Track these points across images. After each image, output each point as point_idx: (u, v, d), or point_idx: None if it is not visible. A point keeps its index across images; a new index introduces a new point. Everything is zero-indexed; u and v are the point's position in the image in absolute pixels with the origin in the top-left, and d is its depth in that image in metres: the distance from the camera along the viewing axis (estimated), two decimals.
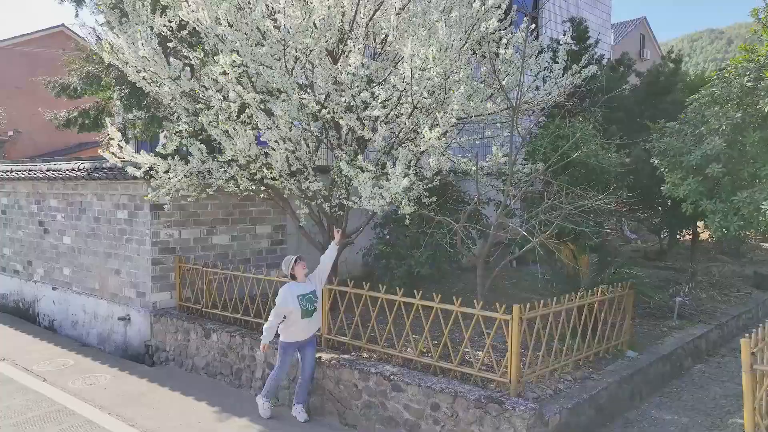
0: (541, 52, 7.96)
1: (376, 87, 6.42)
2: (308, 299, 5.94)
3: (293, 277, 6.10)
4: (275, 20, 6.06)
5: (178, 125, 7.36)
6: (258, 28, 5.78)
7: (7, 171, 10.88)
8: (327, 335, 6.54)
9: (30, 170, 10.30)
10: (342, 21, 6.58)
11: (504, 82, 7.78)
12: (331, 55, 6.74)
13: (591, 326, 6.18)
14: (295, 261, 6.07)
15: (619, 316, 6.60)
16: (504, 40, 7.74)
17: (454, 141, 6.99)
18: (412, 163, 6.05)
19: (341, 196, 6.84)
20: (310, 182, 6.67)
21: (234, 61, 5.57)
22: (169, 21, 6.82)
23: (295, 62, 6.01)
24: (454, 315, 5.57)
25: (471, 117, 6.87)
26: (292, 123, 6.16)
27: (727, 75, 5.37)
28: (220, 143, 6.91)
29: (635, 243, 16.34)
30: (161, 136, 10.66)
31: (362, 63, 6.66)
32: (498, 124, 8.01)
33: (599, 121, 8.21)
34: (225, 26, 5.64)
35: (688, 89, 9.53)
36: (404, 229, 8.06)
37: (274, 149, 6.34)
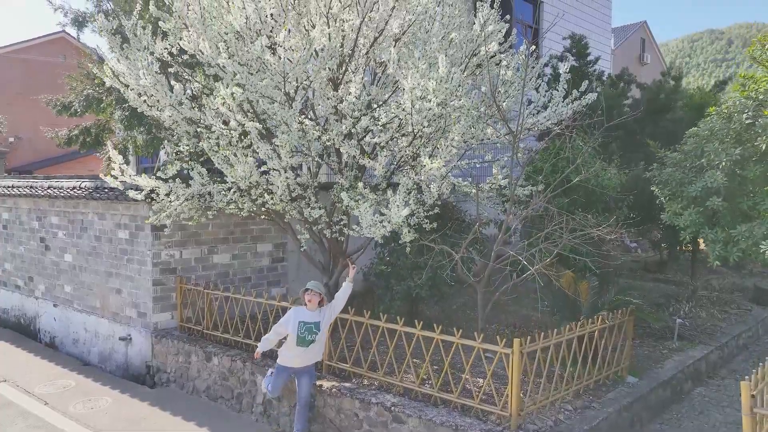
0: (539, 76, 7.97)
1: (378, 109, 6.44)
2: (308, 329, 5.93)
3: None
4: (275, 50, 6.07)
5: (179, 146, 7.38)
6: (259, 57, 5.79)
7: (9, 187, 10.89)
8: (328, 362, 6.55)
9: (31, 186, 10.32)
10: (343, 46, 6.59)
11: (504, 104, 7.82)
12: (332, 81, 6.75)
13: (591, 353, 6.19)
14: (305, 290, 6.06)
15: (619, 341, 6.62)
16: (504, 62, 7.76)
17: (454, 166, 7.00)
18: (412, 192, 6.07)
19: (342, 222, 6.86)
20: (311, 208, 6.68)
21: (233, 94, 5.58)
22: (170, 45, 6.84)
23: (296, 92, 6.02)
24: (455, 346, 5.59)
25: (471, 144, 6.88)
26: (293, 152, 6.17)
27: (726, 110, 5.39)
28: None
29: (636, 252, 16.36)
30: (162, 152, 10.69)
31: (363, 86, 6.69)
32: (498, 145, 8.02)
33: (599, 141, 8.24)
34: (225, 58, 5.65)
35: (688, 107, 9.55)
36: (404, 249, 8.08)
37: (275, 177, 6.34)
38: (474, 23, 7.28)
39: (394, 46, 6.66)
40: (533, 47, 8.03)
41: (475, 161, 7.76)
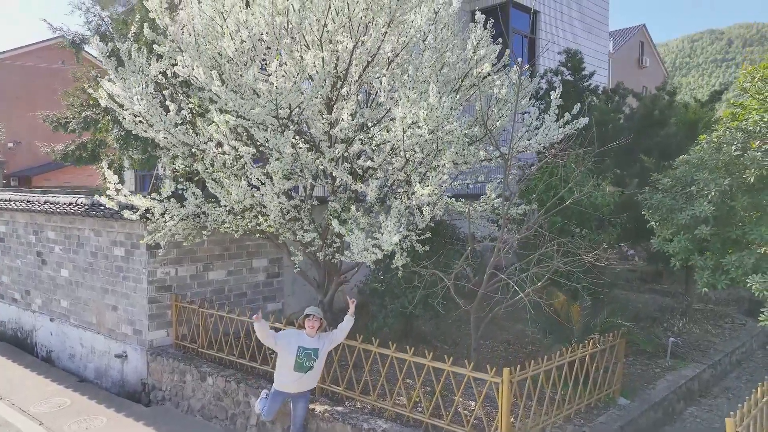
0: (534, 95, 8.00)
1: (372, 128, 6.47)
2: (307, 354, 5.95)
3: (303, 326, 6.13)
4: (268, 74, 6.10)
5: (175, 164, 7.42)
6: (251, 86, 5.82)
7: (5, 200, 10.93)
8: (321, 384, 6.58)
9: (28, 201, 10.35)
10: (336, 68, 6.62)
11: (498, 123, 7.85)
12: (326, 103, 6.78)
13: (583, 376, 6.23)
14: (306, 316, 6.07)
15: (611, 363, 6.65)
16: (498, 82, 7.79)
17: (447, 186, 7.03)
18: (404, 217, 6.10)
19: (335, 245, 6.89)
20: (305, 231, 6.72)
21: (227, 121, 5.61)
22: (164, 68, 6.86)
23: (288, 117, 6.05)
24: (446, 373, 5.63)
25: (463, 169, 6.90)
26: (287, 175, 6.20)
27: (716, 139, 5.42)
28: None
29: (633, 260, 16.37)
30: (159, 165, 10.71)
31: (356, 108, 6.72)
32: (492, 164, 8.05)
33: (591, 162, 8.27)
34: (218, 85, 5.68)
35: (682, 123, 9.59)
36: (398, 270, 8.11)
37: (269, 201, 6.37)
38: (469, 39, 7.32)
39: (387, 68, 6.69)
40: (527, 66, 8.06)
41: (468, 182, 7.78)
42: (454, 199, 7.70)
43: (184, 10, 6.79)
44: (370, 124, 6.81)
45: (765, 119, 5.00)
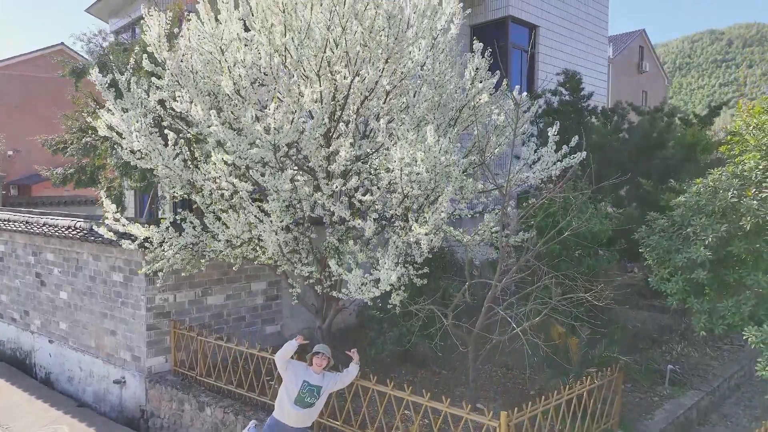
0: (534, 117, 8.01)
1: (370, 156, 6.47)
2: (310, 391, 5.94)
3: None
4: (264, 109, 6.10)
5: (174, 190, 7.42)
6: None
7: (4, 221, 10.93)
8: (319, 418, 6.58)
9: (27, 222, 10.36)
10: (335, 99, 6.62)
11: (497, 150, 7.86)
12: (324, 135, 6.79)
13: (580, 411, 6.23)
14: (314, 354, 6.07)
15: (609, 396, 6.66)
16: (496, 110, 7.80)
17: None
18: (401, 255, 6.11)
19: (332, 278, 6.90)
20: (303, 264, 6.72)
21: (225, 160, 5.62)
22: (164, 100, 6.87)
23: (286, 155, 6.06)
24: (444, 414, 5.63)
25: (461, 204, 6.91)
26: (284, 209, 6.21)
27: (712, 183, 5.43)
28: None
29: (633, 272, 16.36)
30: (159, 187, 10.72)
31: (353, 140, 6.74)
32: (490, 199, 8.04)
33: (591, 188, 8.27)
34: (217, 125, 5.68)
35: (681, 146, 9.59)
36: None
37: (266, 236, 6.38)
38: (468, 62, 7.33)
39: (385, 101, 6.70)
40: (526, 93, 8.05)
41: (466, 213, 7.79)
42: (452, 228, 7.72)
43: (182, 40, 6.80)
44: (369, 151, 6.81)
45: (761, 166, 5.01)
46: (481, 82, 6.96)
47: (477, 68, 7.43)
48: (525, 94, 7.90)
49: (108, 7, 14.86)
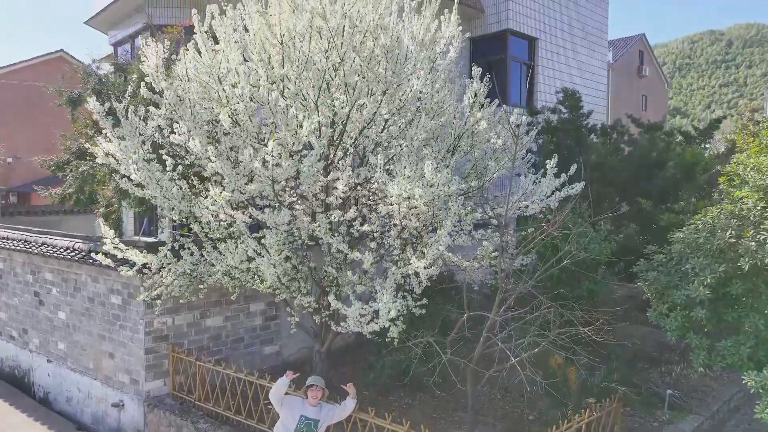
0: (536, 131, 8.01)
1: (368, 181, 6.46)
2: (308, 425, 5.91)
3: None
4: (266, 145, 6.09)
5: (173, 213, 7.41)
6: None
7: (2, 239, 10.92)
8: None
9: (25, 241, 10.35)
10: (334, 126, 6.61)
11: (495, 175, 7.85)
12: (324, 160, 6.77)
13: None
14: (309, 387, 6.04)
15: (608, 426, 6.65)
16: (494, 136, 7.79)
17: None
18: (400, 289, 6.10)
19: (330, 309, 6.89)
20: (303, 295, 6.72)
21: (223, 196, 5.61)
22: (161, 127, 6.86)
23: (284, 189, 6.05)
24: None
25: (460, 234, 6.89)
26: (283, 247, 6.21)
27: (711, 221, 5.41)
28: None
29: (634, 283, 16.31)
30: (158, 208, 10.71)
31: (353, 164, 6.74)
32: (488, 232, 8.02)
33: (590, 207, 8.26)
34: (214, 160, 5.67)
35: (680, 166, 9.59)
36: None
37: (265, 268, 6.37)
38: (467, 88, 7.34)
39: (383, 130, 6.68)
40: (524, 116, 8.04)
41: (465, 240, 7.77)
42: (451, 254, 7.70)
43: (180, 66, 6.79)
44: (368, 177, 6.80)
45: (759, 207, 4.99)
46: (479, 111, 6.94)
47: (476, 93, 7.44)
48: (524, 117, 7.90)
49: (107, 19, 14.83)
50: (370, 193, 6.94)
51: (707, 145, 13.25)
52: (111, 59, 13.22)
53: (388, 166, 6.17)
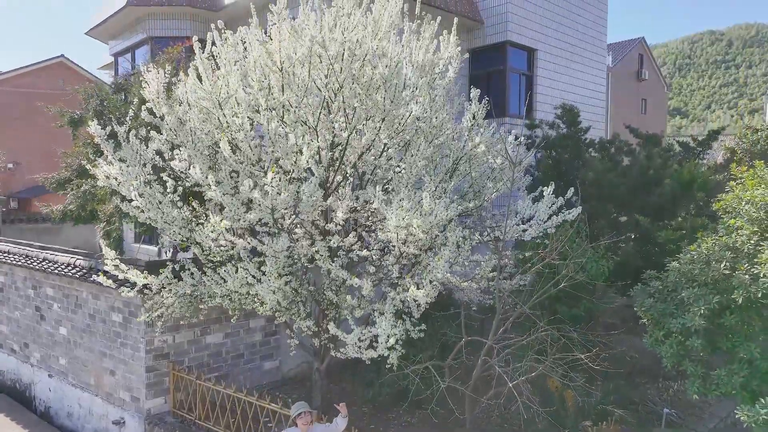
0: (536, 145, 8.06)
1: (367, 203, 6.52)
2: None
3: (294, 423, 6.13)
4: (264, 172, 6.15)
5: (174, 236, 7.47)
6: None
7: (4, 253, 10.98)
8: None
9: (27, 256, 10.40)
10: (333, 150, 6.66)
11: (493, 195, 7.90)
12: (321, 186, 6.83)
13: None
14: (298, 414, 6.06)
15: None
16: (491, 158, 7.84)
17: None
18: (399, 317, 6.15)
19: (329, 334, 6.95)
20: (302, 319, 6.77)
21: (223, 223, 5.67)
22: (162, 151, 6.91)
23: (283, 217, 6.11)
24: None
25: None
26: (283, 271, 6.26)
27: (706, 251, 5.47)
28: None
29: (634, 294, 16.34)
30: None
31: (353, 184, 6.79)
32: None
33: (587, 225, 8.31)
34: (214, 189, 5.73)
35: (678, 183, 9.64)
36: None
37: (265, 292, 6.42)
38: (465, 110, 7.39)
39: (381, 154, 6.73)
40: (522, 138, 8.09)
41: (463, 265, 7.84)
42: (449, 275, 7.76)
43: (180, 89, 6.85)
44: (367, 200, 6.86)
45: (753, 240, 5.05)
46: (478, 136, 6.99)
47: (474, 116, 7.49)
48: (522, 138, 7.94)
49: (108, 31, 14.91)
50: (369, 214, 7.00)
51: (705, 156, 13.29)
52: (111, 67, 13.28)
53: (386, 192, 6.22)
